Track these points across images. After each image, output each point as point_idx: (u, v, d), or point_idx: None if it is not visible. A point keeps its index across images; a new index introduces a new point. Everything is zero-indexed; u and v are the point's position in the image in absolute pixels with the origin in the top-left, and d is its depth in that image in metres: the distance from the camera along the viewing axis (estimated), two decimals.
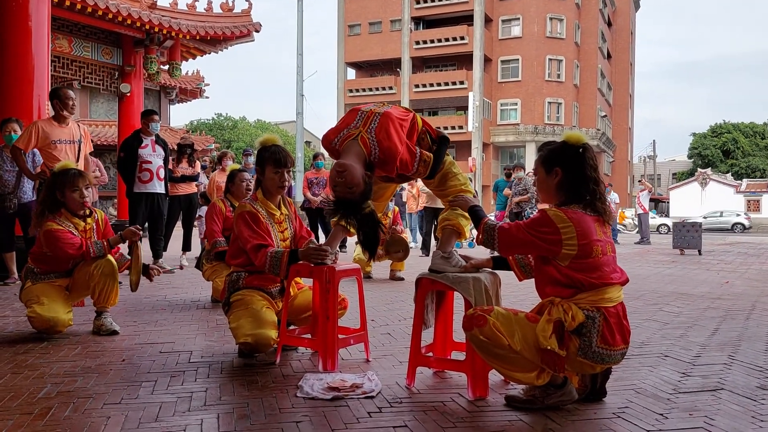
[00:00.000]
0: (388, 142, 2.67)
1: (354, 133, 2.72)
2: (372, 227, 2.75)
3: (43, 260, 3.86)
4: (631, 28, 56.22)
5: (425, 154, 2.75)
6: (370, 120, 2.74)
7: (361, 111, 2.83)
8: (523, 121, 42.24)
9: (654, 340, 3.87)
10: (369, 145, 2.68)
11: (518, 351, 2.38)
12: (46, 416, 2.36)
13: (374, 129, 2.70)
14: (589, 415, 2.44)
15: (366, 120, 2.75)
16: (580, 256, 2.38)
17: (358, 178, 2.63)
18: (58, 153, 5.75)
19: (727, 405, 2.57)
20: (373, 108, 2.84)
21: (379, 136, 2.68)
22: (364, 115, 2.79)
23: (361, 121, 2.76)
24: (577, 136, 2.54)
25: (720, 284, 6.97)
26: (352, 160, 2.67)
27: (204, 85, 24.14)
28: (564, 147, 2.53)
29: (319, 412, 2.44)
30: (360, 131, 2.72)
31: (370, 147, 2.68)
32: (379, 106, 2.87)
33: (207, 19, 11.72)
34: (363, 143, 2.69)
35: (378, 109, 2.81)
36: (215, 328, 4.11)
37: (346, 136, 2.74)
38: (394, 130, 2.69)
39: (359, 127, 2.73)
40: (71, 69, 10.28)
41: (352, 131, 2.74)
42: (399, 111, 2.88)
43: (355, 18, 45.12)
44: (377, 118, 2.73)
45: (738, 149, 57.40)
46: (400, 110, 2.90)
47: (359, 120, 2.77)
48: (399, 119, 2.78)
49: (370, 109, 2.82)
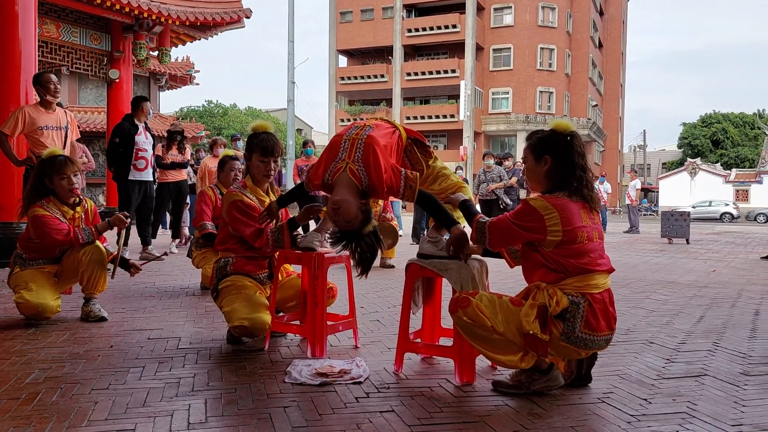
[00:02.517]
0: (374, 169, 2.62)
1: (341, 166, 2.66)
2: (371, 249, 2.70)
3: (31, 246, 3.84)
4: (622, 18, 56.19)
5: (410, 179, 2.69)
6: (354, 148, 2.67)
7: (344, 140, 2.73)
8: (514, 110, 42.24)
9: (640, 327, 3.91)
10: (358, 174, 2.63)
11: (501, 332, 2.41)
12: (33, 401, 2.36)
13: (360, 157, 2.64)
14: (574, 400, 2.47)
15: (350, 148, 2.68)
16: (565, 242, 2.40)
17: (354, 212, 2.62)
18: (44, 139, 5.71)
19: (710, 390, 2.61)
20: (355, 133, 2.74)
21: (365, 164, 2.63)
22: (348, 143, 2.71)
23: (346, 151, 2.69)
24: (565, 125, 2.56)
25: (707, 273, 7.03)
26: (345, 193, 2.63)
27: (194, 71, 23.95)
28: (553, 135, 2.56)
29: (307, 398, 2.45)
30: (347, 162, 2.66)
31: (359, 176, 2.63)
32: (361, 128, 2.78)
33: (197, 5, 11.59)
34: (352, 174, 2.63)
35: (361, 134, 2.72)
36: (204, 315, 4.11)
37: (336, 169, 2.68)
38: (380, 156, 2.63)
39: (345, 159, 2.67)
40: (59, 54, 10.16)
41: (339, 164, 2.67)
42: (382, 131, 2.80)
43: (347, 5, 44.82)
44: (361, 146, 2.66)
45: (727, 139, 57.71)
46: (382, 129, 2.82)
47: (343, 151, 2.70)
48: (383, 143, 2.70)
49: (352, 136, 2.73)
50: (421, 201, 2.73)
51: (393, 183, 2.65)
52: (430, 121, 42.83)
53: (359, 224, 2.64)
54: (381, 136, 2.74)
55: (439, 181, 2.97)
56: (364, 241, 2.65)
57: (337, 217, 2.63)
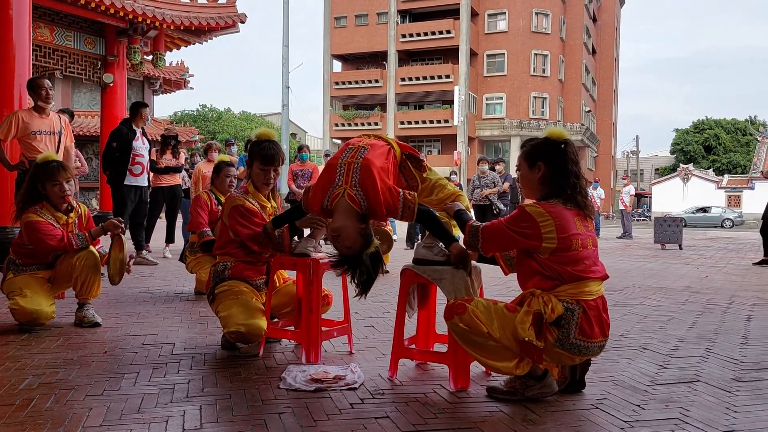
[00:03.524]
0: (373, 193, 2.62)
1: (339, 191, 2.66)
2: (372, 272, 2.70)
3: (24, 252, 3.83)
4: (615, 24, 56.50)
5: (408, 200, 2.69)
6: (351, 172, 2.66)
7: (339, 164, 2.71)
8: (508, 116, 42.38)
9: (633, 332, 3.93)
10: (357, 199, 2.63)
11: (497, 339, 2.42)
12: (27, 407, 2.36)
13: (357, 181, 2.64)
14: (568, 406, 2.49)
15: (347, 173, 2.67)
16: (560, 249, 2.42)
17: (354, 237, 2.63)
18: (37, 144, 5.69)
19: (703, 396, 2.63)
20: (351, 157, 2.72)
21: (363, 188, 2.64)
22: (344, 168, 2.69)
23: (342, 176, 2.68)
24: (558, 132, 2.58)
25: (699, 278, 7.07)
26: (344, 219, 2.64)
27: (188, 75, 23.93)
28: (546, 142, 2.58)
29: (301, 404, 2.45)
30: (344, 188, 2.65)
31: (358, 200, 2.63)
32: (356, 150, 2.76)
33: (191, 10, 11.60)
34: (350, 200, 2.64)
35: (357, 157, 2.70)
36: (198, 321, 4.10)
37: (334, 195, 2.67)
38: (377, 179, 2.63)
39: (342, 184, 2.66)
40: (53, 58, 10.14)
41: (337, 189, 2.67)
42: (377, 151, 2.77)
43: (342, 10, 44.90)
44: (357, 170, 2.65)
45: (719, 145, 58.07)
46: (377, 149, 2.79)
47: (340, 176, 2.68)
48: (380, 165, 2.69)
49: (347, 160, 2.71)
50: (421, 218, 2.75)
51: (391, 205, 2.66)
52: (424, 126, 42.91)
53: (360, 248, 2.65)
54: (377, 157, 2.73)
55: (435, 192, 2.97)
56: (364, 264, 2.67)
57: (338, 244, 2.66)
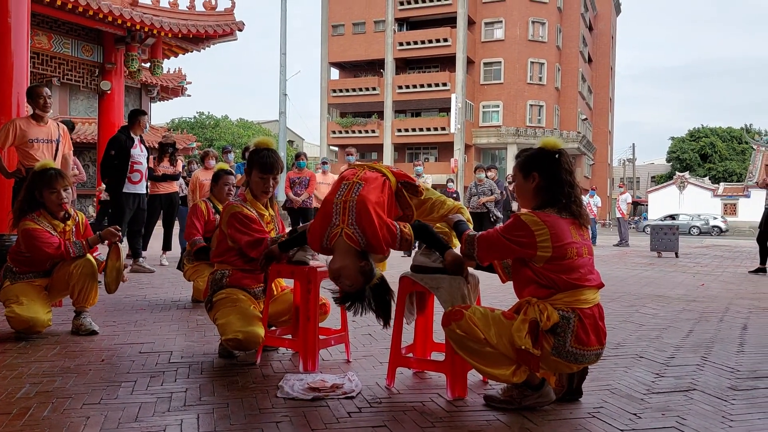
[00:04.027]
0: (370, 230, 2.65)
1: (336, 231, 2.68)
2: (382, 301, 2.76)
3: (21, 260, 3.83)
4: (612, 33, 56.79)
5: (406, 233, 2.73)
6: (347, 211, 2.68)
7: (335, 203, 2.72)
8: (504, 123, 42.48)
9: (630, 341, 3.94)
10: (355, 237, 2.66)
11: (494, 345, 2.43)
12: (24, 416, 2.36)
13: (354, 220, 2.66)
14: (565, 415, 2.49)
15: (343, 212, 2.69)
16: (555, 258, 2.43)
17: (354, 276, 2.68)
18: (34, 152, 5.69)
19: (699, 405, 2.64)
20: (346, 194, 2.73)
21: (360, 226, 2.66)
22: (339, 206, 2.70)
23: (339, 216, 2.69)
24: (553, 142, 2.61)
25: (695, 287, 7.09)
26: (343, 259, 2.67)
27: (186, 83, 23.98)
28: (540, 152, 2.60)
29: (299, 413, 2.46)
30: (342, 227, 2.67)
31: (356, 239, 2.66)
32: (351, 187, 2.75)
33: (189, 17, 11.64)
34: (348, 239, 2.66)
35: (352, 195, 2.70)
36: (195, 329, 4.10)
37: (332, 234, 2.70)
38: (374, 216, 2.64)
39: (339, 224, 2.68)
40: (51, 66, 10.15)
41: (334, 229, 2.69)
42: (372, 185, 2.77)
43: (339, 18, 45.05)
44: (354, 208, 2.67)
45: (715, 153, 58.30)
46: (372, 183, 2.78)
47: (336, 215, 2.70)
48: (375, 200, 2.70)
49: (343, 198, 2.71)
50: (418, 236, 2.80)
51: (389, 241, 2.70)
52: (421, 133, 43.00)
53: (362, 285, 2.70)
54: (372, 191, 2.73)
55: (436, 210, 2.98)
56: (368, 298, 2.73)
57: (339, 283, 2.71)
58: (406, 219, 2.93)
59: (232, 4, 12.17)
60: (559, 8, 44.07)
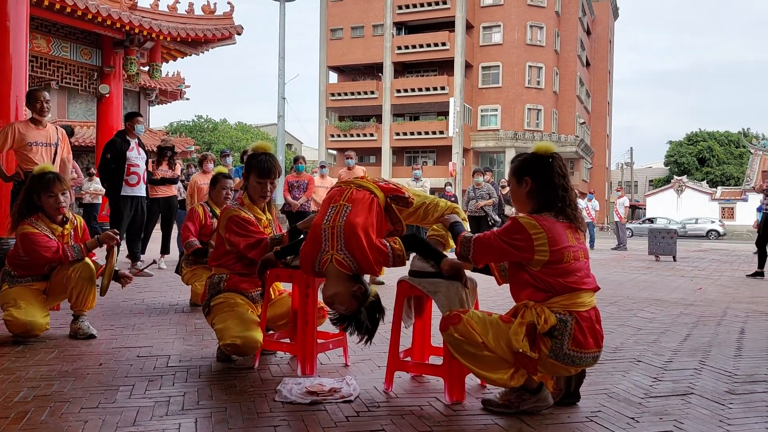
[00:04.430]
0: (360, 254, 2.66)
1: (327, 257, 2.69)
2: (373, 321, 2.79)
3: (20, 264, 3.83)
4: (609, 37, 56.94)
5: (397, 250, 2.74)
6: (335, 237, 2.68)
7: (323, 229, 2.71)
8: (503, 127, 42.53)
9: (627, 345, 3.95)
10: (345, 263, 2.67)
11: (492, 349, 2.44)
12: (22, 420, 2.35)
13: (343, 245, 2.66)
14: (563, 419, 2.50)
15: (332, 238, 2.69)
16: (552, 262, 2.44)
17: (348, 302, 2.72)
18: (33, 155, 5.70)
19: (696, 409, 2.64)
20: (333, 219, 2.72)
21: (350, 251, 2.66)
22: (327, 232, 2.70)
23: (328, 242, 2.69)
24: (546, 146, 2.62)
25: (693, 290, 7.10)
26: (336, 286, 2.71)
27: (184, 86, 23.99)
28: (533, 157, 2.62)
29: (297, 417, 2.46)
30: (331, 254, 2.68)
31: (347, 264, 2.67)
32: (338, 211, 2.74)
33: (188, 21, 11.66)
34: (339, 265, 2.68)
35: (339, 220, 2.70)
36: (193, 332, 4.10)
37: (323, 261, 2.71)
38: (363, 240, 2.65)
39: (329, 250, 2.69)
40: (49, 69, 10.16)
41: (324, 255, 2.70)
42: (359, 206, 2.75)
43: (338, 22, 45.11)
44: (342, 233, 2.67)
45: (713, 157, 58.42)
46: (359, 203, 2.76)
47: (325, 241, 2.70)
48: (363, 223, 2.69)
49: (330, 224, 2.71)
50: (408, 245, 2.81)
51: (381, 261, 2.72)
52: (420, 137, 43.03)
53: (357, 308, 2.74)
54: (359, 214, 2.72)
55: (431, 213, 2.98)
56: (363, 318, 2.76)
57: (334, 308, 2.75)
58: (395, 233, 2.92)
59: (231, 8, 12.20)
60: (557, 12, 44.19)
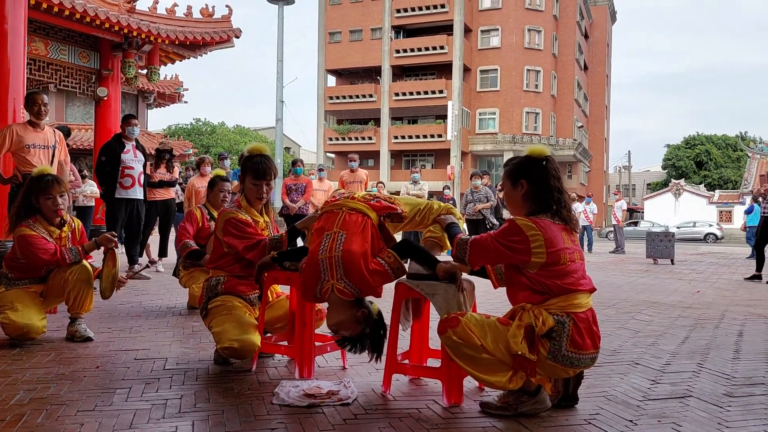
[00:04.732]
0: (361, 281, 2.67)
1: (327, 287, 2.70)
2: (377, 338, 2.82)
3: (17, 266, 3.82)
4: (607, 41, 57.08)
5: (393, 263, 2.74)
6: (334, 267, 2.67)
7: (320, 260, 2.69)
8: (501, 131, 42.58)
9: (626, 347, 3.94)
10: (347, 291, 2.68)
11: (490, 351, 2.43)
12: (18, 423, 2.34)
13: (343, 274, 2.66)
14: (561, 421, 2.49)
15: (330, 268, 2.67)
16: (549, 264, 2.44)
17: (353, 328, 2.75)
18: (31, 157, 5.69)
19: (695, 412, 2.64)
20: (329, 248, 2.69)
21: (350, 278, 2.67)
22: (326, 263, 2.68)
23: (327, 272, 2.68)
24: (539, 150, 2.64)
25: (691, 293, 7.10)
26: (339, 314, 2.73)
27: (183, 89, 23.99)
28: (527, 160, 2.64)
29: (294, 419, 2.45)
30: (332, 283, 2.68)
31: (348, 292, 2.68)
32: (333, 238, 2.71)
33: (186, 24, 11.64)
34: (340, 293, 2.69)
35: (335, 249, 2.67)
36: (191, 335, 4.09)
37: (324, 290, 2.72)
38: (362, 266, 2.65)
39: (329, 279, 2.69)
40: (47, 72, 10.14)
41: (325, 285, 2.70)
42: (353, 231, 2.72)
43: (336, 26, 45.17)
44: (340, 263, 2.66)
45: (711, 161, 58.55)
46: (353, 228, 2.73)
47: (324, 272, 2.69)
48: (359, 250, 2.67)
49: (326, 255, 2.68)
50: (402, 253, 2.82)
51: (383, 281, 2.74)
52: (418, 140, 43.08)
53: (361, 331, 2.77)
54: (355, 240, 2.70)
55: (427, 217, 2.98)
56: (368, 337, 2.80)
57: (339, 334, 2.79)
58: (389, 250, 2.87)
59: (230, 11, 12.19)
60: (554, 16, 44.31)
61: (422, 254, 2.86)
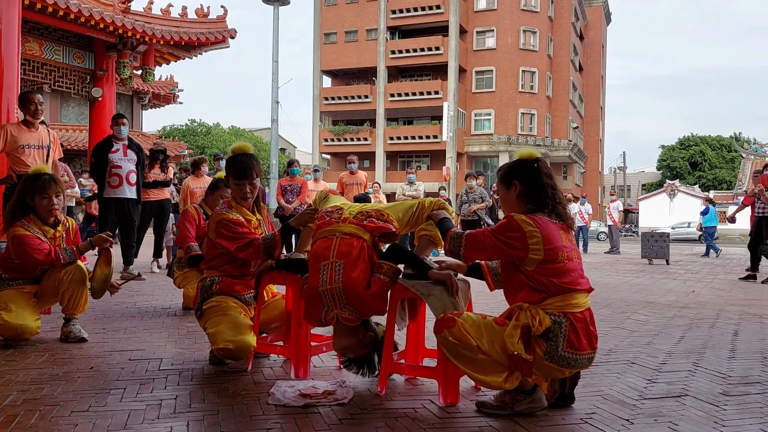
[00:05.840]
0: (364, 307, 2.70)
1: (332, 315, 2.73)
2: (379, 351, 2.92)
3: (11, 266, 3.79)
4: (602, 42, 57.23)
5: (389, 271, 2.76)
6: (336, 297, 2.69)
7: (322, 292, 2.70)
8: (496, 131, 42.66)
9: (622, 347, 3.94)
10: (351, 317, 2.74)
11: (486, 352, 2.43)
12: (11, 424, 2.33)
13: (346, 303, 2.69)
14: (558, 420, 2.49)
15: (332, 299, 2.69)
16: (546, 261, 2.44)
17: (360, 350, 2.89)
18: (25, 157, 5.67)
19: (691, 411, 2.64)
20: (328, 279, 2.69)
21: (353, 306, 2.69)
22: (328, 294, 2.69)
23: (329, 303, 2.71)
24: (529, 152, 2.68)
25: (686, 293, 7.12)
26: (346, 339, 2.85)
27: (178, 90, 23.96)
28: (519, 162, 2.68)
29: (290, 419, 2.44)
30: (336, 312, 2.72)
31: (353, 318, 2.74)
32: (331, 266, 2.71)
33: (181, 25, 11.61)
34: (345, 320, 2.75)
35: (336, 280, 2.67)
36: (186, 336, 4.07)
37: (329, 317, 2.75)
38: (363, 294, 2.68)
39: (333, 308, 2.72)
40: (41, 72, 10.11)
41: (330, 313, 2.73)
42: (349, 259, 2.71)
43: (332, 26, 45.17)
44: (342, 292, 2.67)
45: (705, 161, 58.80)
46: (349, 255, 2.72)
47: (327, 302, 2.71)
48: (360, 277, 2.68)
49: (326, 287, 2.68)
50: (395, 259, 2.85)
51: (386, 298, 2.79)
52: (414, 141, 43.11)
53: (369, 352, 2.92)
54: (353, 268, 2.69)
55: (420, 216, 2.96)
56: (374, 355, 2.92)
57: (347, 356, 2.95)
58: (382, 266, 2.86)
59: (225, 12, 12.17)
60: (550, 17, 44.41)
61: (413, 259, 2.87)
